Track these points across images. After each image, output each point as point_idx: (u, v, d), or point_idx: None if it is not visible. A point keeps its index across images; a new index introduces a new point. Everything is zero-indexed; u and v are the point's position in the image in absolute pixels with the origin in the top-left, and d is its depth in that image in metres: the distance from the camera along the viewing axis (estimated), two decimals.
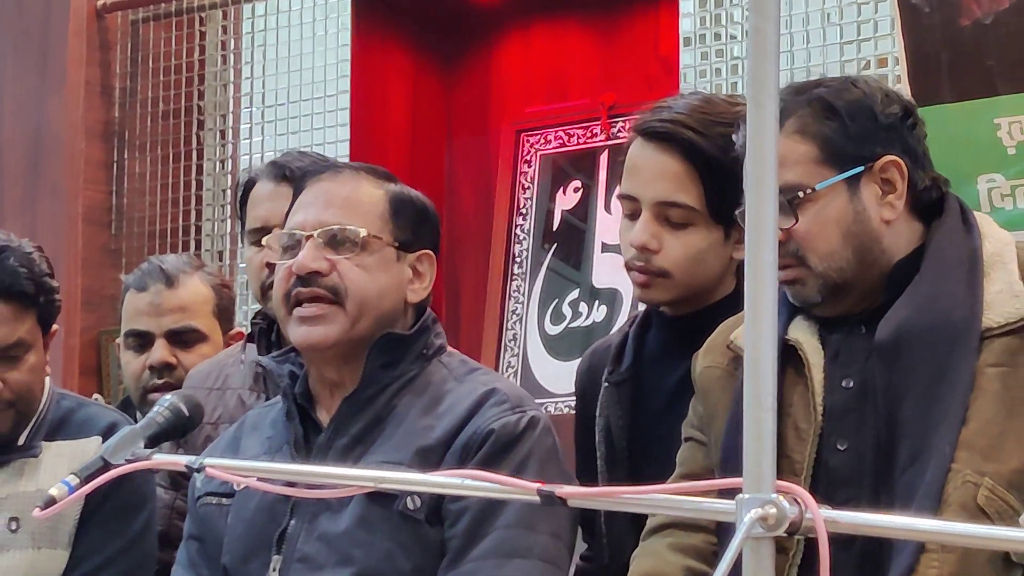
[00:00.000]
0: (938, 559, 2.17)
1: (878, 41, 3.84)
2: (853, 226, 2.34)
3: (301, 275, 2.58)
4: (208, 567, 2.66)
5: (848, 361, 2.34)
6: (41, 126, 4.90)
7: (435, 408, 2.57)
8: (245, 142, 4.87)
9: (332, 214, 2.61)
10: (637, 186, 2.63)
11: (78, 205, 4.84)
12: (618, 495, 1.70)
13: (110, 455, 2.14)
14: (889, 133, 2.35)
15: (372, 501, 2.50)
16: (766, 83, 1.52)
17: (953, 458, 2.20)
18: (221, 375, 3.16)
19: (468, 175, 4.87)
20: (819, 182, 2.32)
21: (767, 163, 1.53)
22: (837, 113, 2.34)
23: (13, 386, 2.89)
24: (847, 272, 2.34)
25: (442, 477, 1.86)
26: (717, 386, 2.44)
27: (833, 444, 2.32)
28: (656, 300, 2.67)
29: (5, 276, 2.86)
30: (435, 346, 2.66)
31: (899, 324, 2.28)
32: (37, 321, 2.92)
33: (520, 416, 2.55)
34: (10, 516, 2.90)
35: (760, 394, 1.52)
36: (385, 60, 4.80)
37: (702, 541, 2.42)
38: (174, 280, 3.41)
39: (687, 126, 2.59)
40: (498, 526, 2.48)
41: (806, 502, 1.51)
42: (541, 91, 4.79)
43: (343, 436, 2.58)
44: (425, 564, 2.50)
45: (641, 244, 2.61)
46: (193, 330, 3.41)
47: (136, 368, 3.41)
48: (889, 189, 2.35)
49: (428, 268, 2.67)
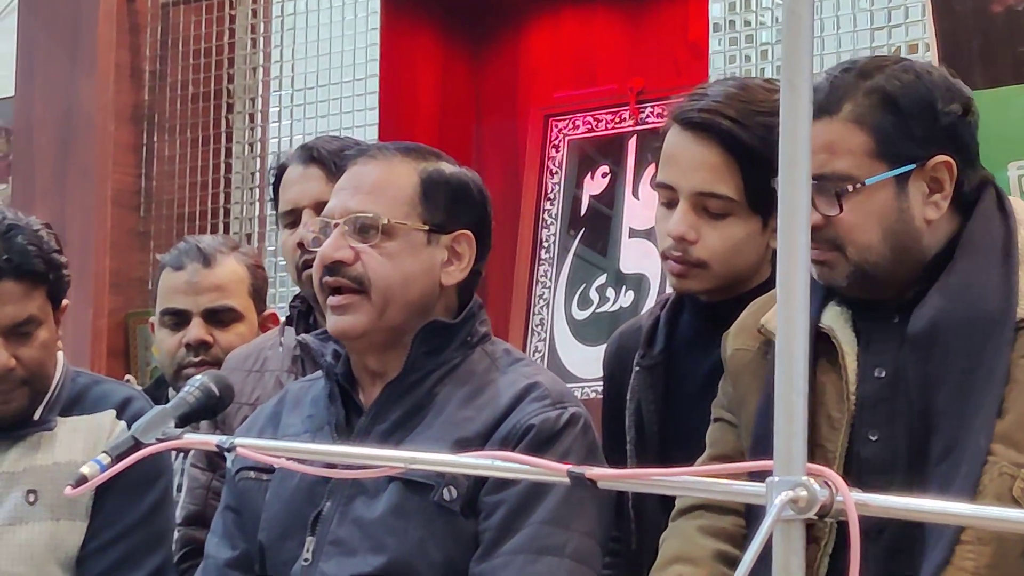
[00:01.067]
0: (973, 551, 2.16)
1: (909, 27, 3.82)
2: (896, 224, 2.30)
3: (327, 264, 2.58)
4: (244, 539, 2.66)
5: (881, 350, 2.32)
6: (71, 109, 4.92)
7: (476, 399, 2.56)
8: (274, 125, 4.88)
9: (358, 201, 2.59)
10: (675, 176, 2.61)
11: (107, 188, 4.86)
12: (648, 477, 1.69)
13: (141, 434, 2.15)
14: (947, 132, 2.30)
15: (408, 490, 2.50)
16: (800, 66, 1.51)
17: (989, 450, 2.19)
18: (260, 358, 3.17)
19: (496, 160, 4.87)
20: (869, 176, 2.28)
21: (800, 146, 1.52)
22: (899, 108, 2.28)
23: (26, 363, 2.92)
24: (881, 266, 2.31)
25: (472, 458, 1.85)
26: (747, 369, 2.43)
27: (865, 434, 2.30)
28: (692, 289, 2.65)
29: (15, 255, 2.89)
30: (479, 334, 2.64)
31: (933, 315, 2.26)
32: (47, 297, 2.95)
33: (561, 412, 2.53)
34: (28, 489, 2.92)
35: (791, 376, 1.51)
36: (414, 44, 4.81)
37: (731, 524, 2.41)
38: (211, 259, 3.43)
39: (726, 116, 2.57)
40: (532, 521, 2.47)
41: (837, 485, 1.51)
42: (569, 76, 4.79)
43: (383, 421, 2.57)
44: (457, 556, 2.50)
45: (679, 235, 2.59)
46: (229, 309, 3.43)
47: (171, 346, 3.43)
48: (936, 188, 2.31)
49: (467, 249, 2.64)
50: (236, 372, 3.13)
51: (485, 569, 2.47)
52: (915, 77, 2.33)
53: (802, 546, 1.52)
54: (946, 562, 2.17)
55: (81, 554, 2.93)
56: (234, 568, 2.66)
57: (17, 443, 2.96)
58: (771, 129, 2.53)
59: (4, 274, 2.88)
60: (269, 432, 2.66)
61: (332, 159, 3.08)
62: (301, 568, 2.54)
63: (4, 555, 2.90)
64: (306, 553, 2.55)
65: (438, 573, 2.49)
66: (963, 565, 2.16)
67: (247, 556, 2.65)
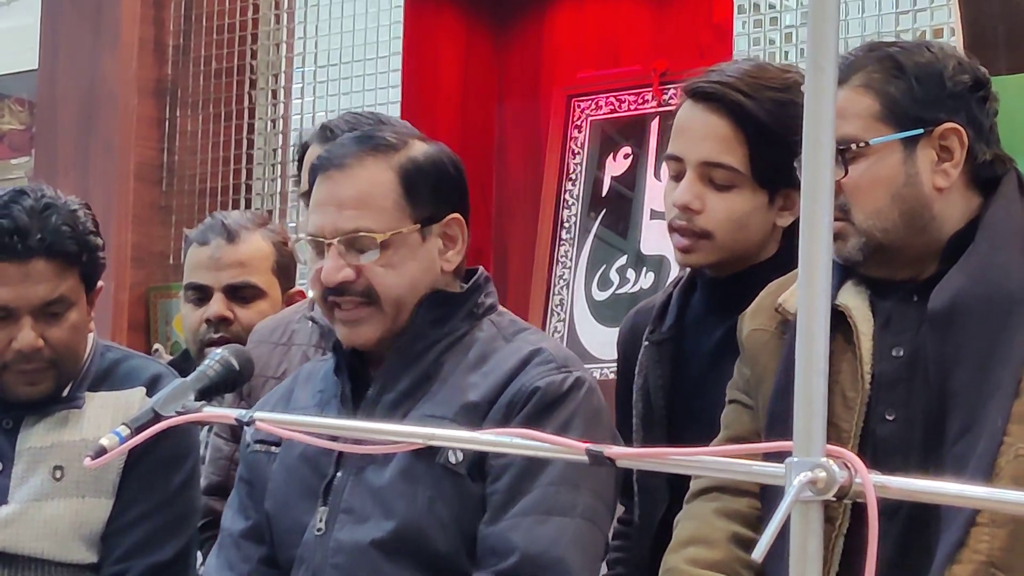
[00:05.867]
0: (988, 533, 2.16)
1: (934, 12, 3.82)
2: (903, 188, 2.31)
3: (330, 287, 2.58)
4: (256, 510, 2.68)
5: (899, 329, 2.32)
6: (95, 83, 4.92)
7: (482, 366, 2.57)
8: (296, 102, 4.88)
9: (347, 218, 2.57)
10: (682, 146, 2.62)
11: (130, 162, 4.86)
12: (667, 456, 1.70)
13: (161, 407, 2.15)
14: (956, 101, 2.32)
15: (415, 455, 2.50)
16: (826, 46, 1.51)
17: (1005, 431, 2.19)
18: (287, 331, 3.17)
19: (518, 139, 4.86)
20: (875, 137, 2.30)
21: (824, 127, 1.52)
22: (905, 73, 2.31)
23: (54, 343, 2.90)
24: (892, 234, 2.31)
25: (491, 435, 1.86)
26: (765, 350, 2.43)
27: (881, 414, 2.30)
28: (697, 263, 2.65)
29: (48, 234, 2.87)
30: (485, 305, 2.66)
31: (953, 294, 2.26)
32: (80, 279, 2.93)
33: (566, 376, 2.55)
34: (55, 465, 2.92)
35: (812, 356, 1.51)
36: (437, 22, 4.80)
37: (747, 505, 2.41)
38: (235, 235, 3.43)
39: (736, 88, 2.58)
40: (541, 483, 2.49)
41: (856, 467, 1.51)
42: (593, 56, 4.78)
43: (390, 392, 2.59)
44: (464, 516, 2.51)
45: (683, 204, 2.60)
46: (251, 286, 3.43)
47: (194, 321, 3.44)
48: (946, 157, 2.32)
49: (459, 231, 2.63)
50: (263, 344, 3.13)
51: (494, 531, 2.48)
52: (926, 48, 2.36)
53: (820, 527, 1.53)
54: (961, 543, 2.17)
55: (106, 532, 2.93)
56: (247, 539, 2.67)
57: (44, 419, 2.96)
58: (782, 105, 2.55)
59: (36, 253, 2.86)
60: (281, 408, 2.67)
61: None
62: (314, 537, 2.56)
63: (28, 531, 2.91)
64: (319, 523, 2.56)
65: (448, 534, 2.51)
66: (978, 547, 2.16)
67: (259, 527, 2.67)
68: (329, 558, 2.54)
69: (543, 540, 2.47)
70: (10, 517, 2.90)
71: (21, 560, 2.90)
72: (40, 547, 2.90)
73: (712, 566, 2.38)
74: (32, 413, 2.95)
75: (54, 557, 2.90)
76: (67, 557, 2.91)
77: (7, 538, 2.90)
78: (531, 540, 2.46)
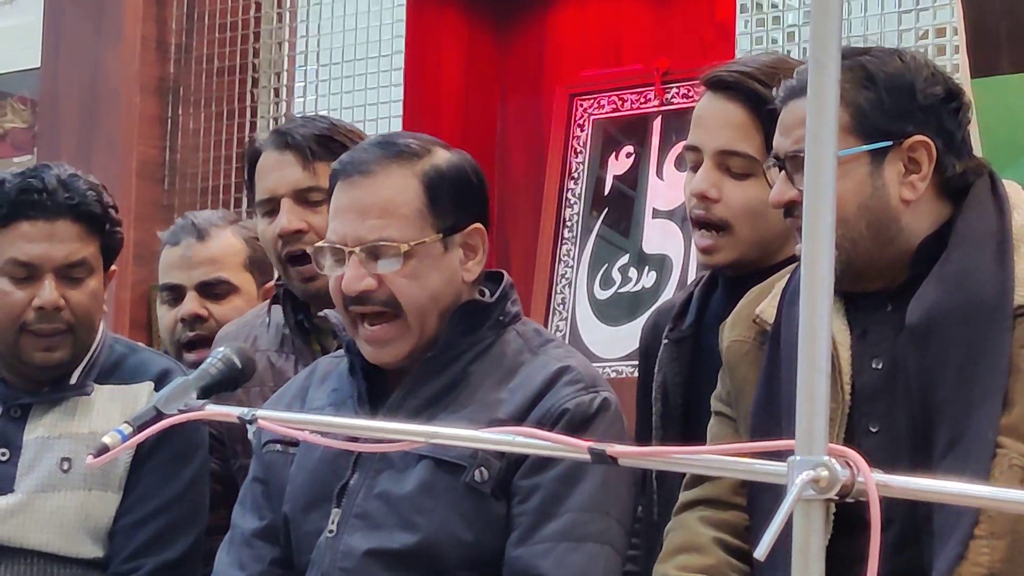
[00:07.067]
0: (988, 545, 2.15)
1: (936, 11, 3.81)
2: (870, 200, 2.29)
3: (352, 296, 2.57)
4: (272, 510, 2.68)
5: (876, 340, 2.31)
6: (97, 80, 4.92)
7: (509, 380, 2.57)
8: (299, 100, 4.88)
9: (369, 228, 2.56)
10: (700, 136, 2.64)
11: (132, 160, 4.86)
12: (669, 455, 1.70)
13: (163, 405, 2.16)
14: (926, 113, 2.30)
15: (439, 469, 2.51)
16: (828, 44, 1.51)
17: (997, 443, 2.18)
18: (250, 336, 3.15)
19: (520, 138, 4.86)
20: (842, 149, 2.26)
21: (826, 126, 1.52)
22: (875, 84, 2.29)
23: (73, 306, 2.95)
24: (860, 246, 2.29)
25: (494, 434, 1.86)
26: (744, 361, 2.42)
27: (865, 426, 2.30)
28: (720, 263, 2.66)
29: (76, 195, 2.96)
30: (511, 313, 2.65)
31: (930, 306, 2.24)
32: (100, 250, 2.99)
33: (594, 396, 2.56)
34: (62, 456, 2.93)
35: (814, 356, 1.51)
36: (440, 21, 4.80)
37: (734, 516, 2.41)
38: (204, 233, 3.44)
39: (753, 77, 2.60)
40: (571, 508, 2.49)
41: (858, 465, 1.51)
42: (595, 55, 4.77)
43: (416, 397, 2.58)
44: (485, 538, 2.51)
45: (701, 192, 2.61)
46: (223, 281, 3.43)
47: (169, 322, 3.45)
48: (914, 169, 2.30)
49: (479, 241, 2.62)
50: None
51: (524, 554, 2.48)
52: (897, 58, 2.34)
53: (822, 526, 1.53)
54: (960, 557, 2.15)
55: (114, 528, 2.93)
56: (261, 538, 2.67)
57: (53, 407, 2.97)
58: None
59: (63, 212, 2.94)
60: (297, 406, 2.67)
61: (307, 145, 3.04)
62: (325, 540, 2.55)
63: (34, 522, 2.91)
64: (331, 525, 2.55)
65: (466, 553, 2.50)
66: (978, 560, 2.15)
67: (273, 527, 2.67)
68: (338, 562, 2.53)
69: (575, 568, 2.47)
70: (15, 507, 2.91)
71: (25, 554, 2.90)
72: (45, 539, 2.90)
73: (704, 571, 2.38)
74: (41, 401, 2.97)
75: (59, 551, 2.91)
76: (72, 551, 2.91)
77: (11, 529, 2.90)
78: (563, 567, 2.47)
